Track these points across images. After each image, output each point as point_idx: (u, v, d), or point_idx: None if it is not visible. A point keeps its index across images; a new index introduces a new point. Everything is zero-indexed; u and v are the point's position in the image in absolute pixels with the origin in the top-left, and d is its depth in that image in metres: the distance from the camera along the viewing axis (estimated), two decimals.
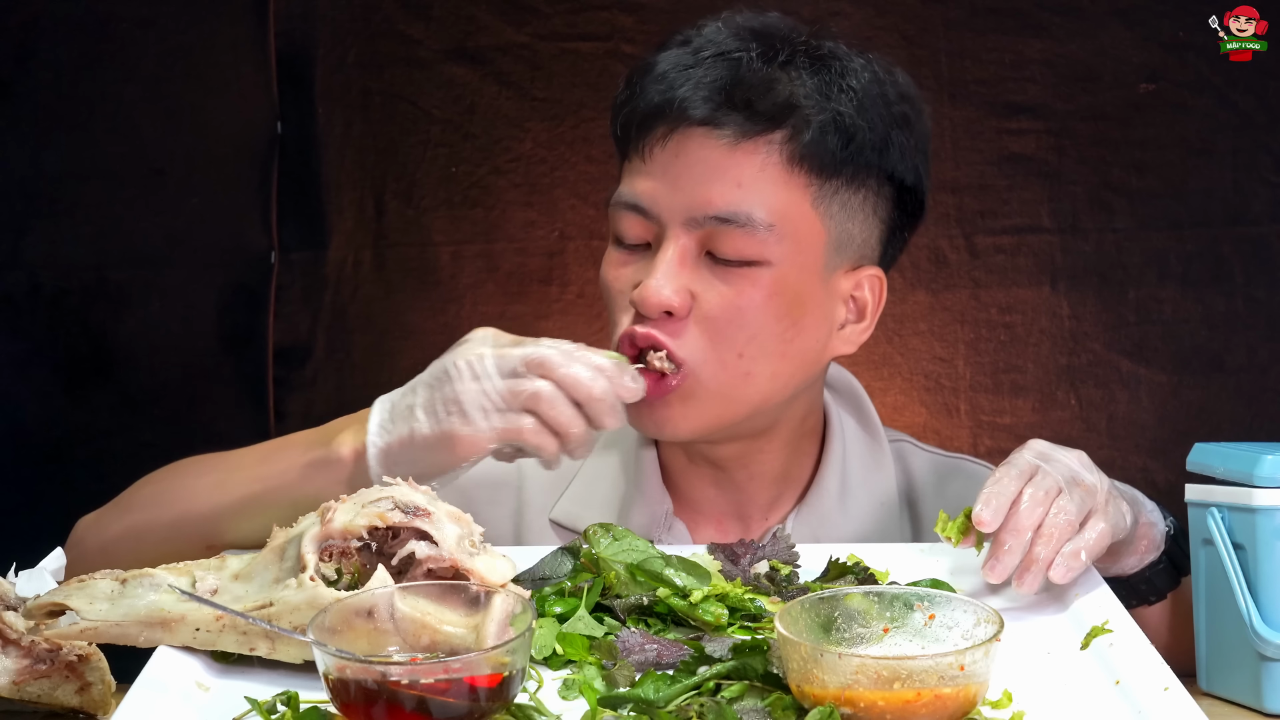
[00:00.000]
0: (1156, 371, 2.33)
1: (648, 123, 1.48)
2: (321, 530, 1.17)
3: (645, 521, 1.58)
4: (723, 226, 1.45)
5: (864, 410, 1.67)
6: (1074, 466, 1.33)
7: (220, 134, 2.40)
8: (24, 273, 2.40)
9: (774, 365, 1.49)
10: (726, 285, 1.46)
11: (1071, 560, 1.28)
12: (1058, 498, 1.29)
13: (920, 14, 2.35)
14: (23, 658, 1.21)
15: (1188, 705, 1.09)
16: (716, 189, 1.45)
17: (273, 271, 2.40)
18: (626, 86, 1.53)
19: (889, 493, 1.64)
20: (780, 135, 1.46)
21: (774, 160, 1.46)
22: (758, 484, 1.60)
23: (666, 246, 1.46)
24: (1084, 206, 2.34)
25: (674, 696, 1.10)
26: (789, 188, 1.47)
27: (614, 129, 1.56)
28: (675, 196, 1.46)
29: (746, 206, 1.45)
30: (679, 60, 1.49)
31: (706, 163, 1.46)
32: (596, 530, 1.30)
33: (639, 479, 1.61)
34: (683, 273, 1.46)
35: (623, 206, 1.49)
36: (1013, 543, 1.28)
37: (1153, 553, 1.43)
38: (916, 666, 1.03)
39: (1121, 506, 1.35)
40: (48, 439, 2.40)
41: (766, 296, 1.46)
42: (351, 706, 1.03)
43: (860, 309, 1.55)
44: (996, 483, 1.30)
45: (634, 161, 1.50)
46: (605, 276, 1.53)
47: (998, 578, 1.28)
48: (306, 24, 2.39)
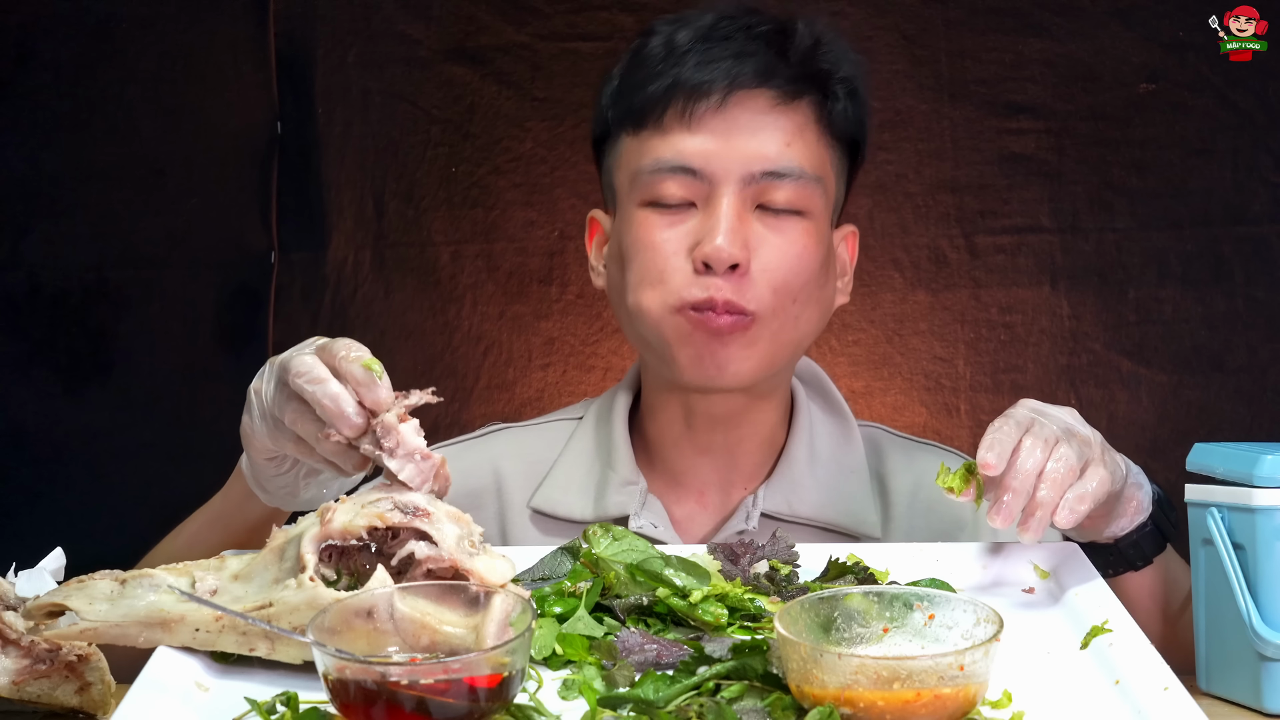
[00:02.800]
0: (1156, 371, 2.33)
1: (697, 91, 1.56)
2: (321, 530, 1.17)
3: (621, 500, 1.63)
4: (775, 180, 1.57)
5: (830, 396, 1.74)
6: (1068, 419, 1.35)
7: (220, 134, 2.40)
8: (24, 273, 2.41)
9: (814, 310, 1.62)
10: (779, 236, 1.57)
11: (1076, 505, 1.29)
12: (1056, 445, 1.30)
13: (920, 14, 2.36)
14: (22, 658, 1.21)
15: (1187, 705, 1.09)
16: (771, 146, 1.57)
17: (273, 271, 2.40)
18: (641, 69, 1.60)
19: (859, 466, 1.69)
20: (814, 100, 1.60)
21: (811, 122, 1.60)
22: (745, 446, 1.67)
23: (722, 202, 1.56)
24: (1084, 206, 2.35)
25: (674, 696, 1.10)
26: (820, 146, 1.61)
27: (618, 112, 1.62)
28: (731, 155, 1.56)
29: (798, 161, 1.58)
30: (705, 37, 1.59)
31: (757, 122, 1.57)
32: (596, 530, 1.30)
33: (614, 460, 1.66)
34: (742, 227, 1.55)
35: (670, 170, 1.57)
36: (1017, 486, 1.28)
37: (1141, 515, 1.44)
38: (916, 666, 1.03)
39: (1116, 458, 1.38)
40: (48, 439, 2.40)
41: (813, 244, 1.59)
42: (351, 707, 1.03)
43: (841, 263, 1.69)
44: (997, 430, 1.31)
45: (670, 130, 1.57)
46: (647, 239, 1.58)
47: (1003, 523, 1.28)
48: (306, 24, 2.39)
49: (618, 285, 1.62)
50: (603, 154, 1.66)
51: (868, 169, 1.72)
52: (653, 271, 1.57)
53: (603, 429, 1.70)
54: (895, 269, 2.38)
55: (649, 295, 1.58)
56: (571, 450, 1.70)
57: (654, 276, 1.57)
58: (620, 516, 1.62)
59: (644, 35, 1.63)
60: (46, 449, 2.40)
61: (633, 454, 1.67)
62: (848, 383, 2.34)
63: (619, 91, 1.62)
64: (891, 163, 2.36)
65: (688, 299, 1.54)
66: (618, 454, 1.67)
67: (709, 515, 1.67)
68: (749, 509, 1.64)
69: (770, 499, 1.64)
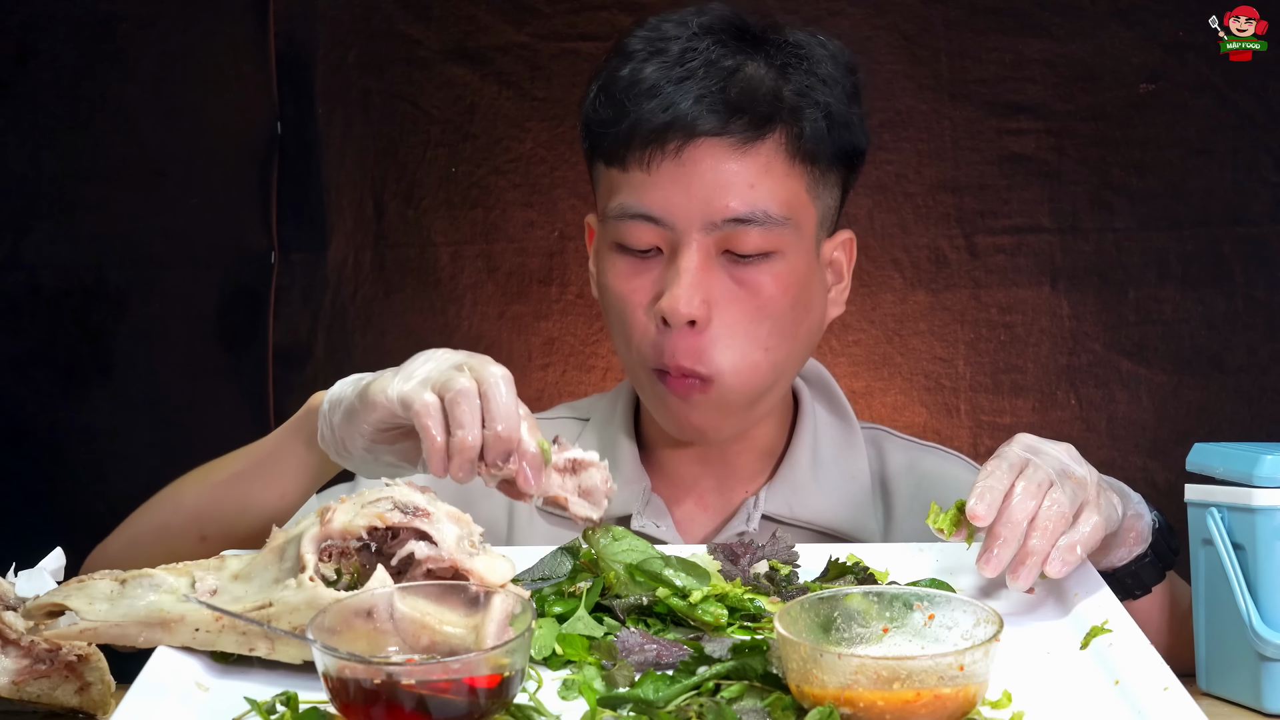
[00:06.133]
0: (1156, 371, 2.33)
1: (653, 137, 1.51)
2: (321, 530, 1.17)
3: (624, 499, 1.63)
4: (740, 227, 1.51)
5: (835, 398, 1.72)
6: (1063, 459, 1.32)
7: (220, 134, 2.40)
8: (24, 273, 2.41)
9: (790, 348, 1.57)
10: (744, 289, 1.52)
11: (1067, 554, 1.27)
12: (1050, 490, 1.29)
13: (920, 14, 2.35)
14: (22, 658, 1.21)
15: (1187, 705, 1.09)
16: (732, 192, 1.50)
17: (273, 271, 2.40)
18: (608, 103, 1.54)
19: (861, 470, 1.68)
20: (780, 134, 1.53)
21: (778, 158, 1.53)
22: (745, 458, 1.66)
23: (686, 254, 1.51)
24: (1084, 206, 2.35)
25: (673, 697, 1.10)
26: (790, 179, 1.53)
27: (591, 140, 1.58)
28: (691, 204, 1.51)
29: (762, 205, 1.51)
30: (667, 74, 1.52)
31: (718, 170, 1.51)
32: (596, 530, 1.30)
33: (617, 459, 1.65)
34: (705, 279, 1.51)
35: (631, 216, 1.53)
36: (1007, 535, 1.26)
37: (1140, 545, 1.43)
38: (916, 667, 1.03)
39: (1112, 499, 1.35)
40: (48, 439, 2.40)
41: (782, 287, 1.53)
42: (351, 707, 1.03)
43: (838, 271, 1.64)
44: (988, 476, 1.29)
45: (633, 173, 1.53)
46: (616, 289, 1.56)
47: (992, 571, 1.27)
48: (306, 24, 2.39)
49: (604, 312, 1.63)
50: (588, 164, 1.64)
51: (868, 169, 1.71)
52: (622, 326, 1.56)
53: (607, 428, 1.70)
54: (895, 269, 2.37)
55: (622, 349, 1.59)
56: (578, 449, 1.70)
57: (623, 331, 1.56)
58: (623, 515, 1.62)
59: (619, 55, 1.56)
60: (46, 449, 2.40)
61: (637, 454, 1.67)
62: (848, 383, 2.33)
63: (588, 121, 1.58)
64: (891, 163, 2.36)
65: (654, 363, 1.54)
66: (621, 453, 1.66)
67: (709, 517, 1.66)
68: (750, 511, 1.63)
69: (771, 501, 1.64)
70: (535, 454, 1.26)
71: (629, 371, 1.62)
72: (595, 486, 1.31)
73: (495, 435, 1.24)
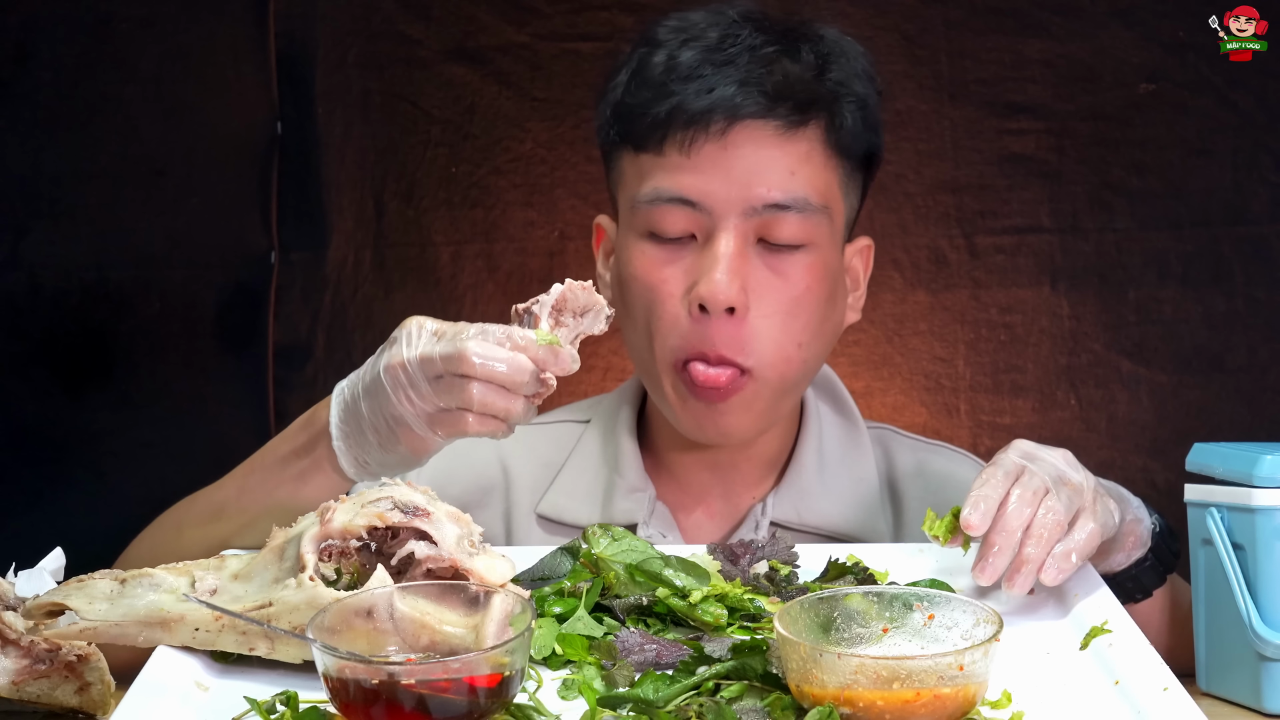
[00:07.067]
0: (1156, 371, 2.33)
1: (696, 119, 1.50)
2: (321, 530, 1.17)
3: (629, 507, 1.61)
4: (778, 213, 1.51)
5: (840, 399, 1.71)
6: (1060, 465, 1.32)
7: (220, 134, 2.40)
8: (24, 273, 2.40)
9: (819, 345, 1.57)
10: (781, 279, 1.51)
11: (1062, 561, 1.27)
12: (1045, 498, 1.28)
13: (920, 14, 2.35)
14: (22, 658, 1.21)
15: (1187, 705, 1.09)
16: (773, 178, 1.50)
17: (273, 271, 2.40)
18: (643, 87, 1.53)
19: (869, 473, 1.67)
20: (820, 123, 1.54)
21: (817, 147, 1.53)
22: (751, 463, 1.64)
23: (723, 239, 1.50)
24: (1084, 206, 2.34)
25: (673, 696, 1.10)
26: (826, 170, 1.54)
27: (621, 127, 1.56)
28: (731, 189, 1.50)
29: (802, 192, 1.51)
30: (709, 57, 1.51)
31: (760, 154, 1.51)
32: (596, 530, 1.30)
33: (621, 467, 1.64)
34: (742, 265, 1.50)
35: (666, 201, 1.51)
36: (1002, 543, 1.26)
37: (1139, 550, 1.42)
38: (915, 667, 1.03)
39: (1109, 505, 1.34)
40: (48, 439, 2.40)
41: (816, 280, 1.53)
42: (351, 706, 1.03)
43: (854, 278, 1.64)
44: (983, 484, 1.29)
45: (669, 156, 1.52)
46: (645, 278, 1.54)
47: (988, 580, 1.27)
48: (306, 24, 2.39)
49: (619, 309, 1.58)
50: (607, 160, 1.62)
51: None
52: (651, 317, 1.53)
53: (609, 434, 1.67)
54: (895, 269, 2.37)
55: (641, 345, 1.55)
56: (579, 455, 1.68)
57: (652, 324, 1.53)
58: (628, 524, 1.58)
59: (648, 44, 1.56)
60: (46, 449, 2.40)
61: (640, 460, 1.65)
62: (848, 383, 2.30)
63: (620, 107, 1.57)
64: (891, 163, 2.35)
65: (684, 354, 1.51)
66: (625, 460, 1.64)
67: (716, 524, 1.65)
68: (758, 518, 1.62)
69: (779, 507, 1.62)
70: (548, 351, 1.26)
71: (644, 370, 1.59)
72: (582, 302, 1.30)
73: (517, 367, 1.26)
